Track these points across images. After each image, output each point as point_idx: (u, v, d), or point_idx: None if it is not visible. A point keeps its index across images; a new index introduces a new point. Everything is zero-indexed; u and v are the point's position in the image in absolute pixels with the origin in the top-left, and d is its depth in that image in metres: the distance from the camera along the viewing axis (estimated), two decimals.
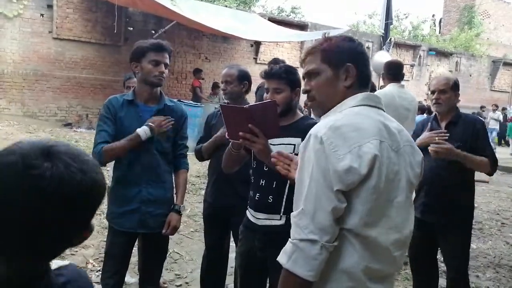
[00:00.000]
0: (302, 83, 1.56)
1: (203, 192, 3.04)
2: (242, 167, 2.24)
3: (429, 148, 2.56)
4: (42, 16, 9.93)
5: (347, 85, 1.35)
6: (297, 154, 1.94)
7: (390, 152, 1.25)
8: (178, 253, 3.99)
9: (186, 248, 4.13)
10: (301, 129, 2.03)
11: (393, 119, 1.40)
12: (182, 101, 9.17)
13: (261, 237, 2.08)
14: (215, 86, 10.97)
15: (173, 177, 2.47)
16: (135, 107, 2.31)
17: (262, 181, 2.07)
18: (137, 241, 2.57)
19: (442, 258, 2.87)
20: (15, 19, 9.56)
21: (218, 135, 2.60)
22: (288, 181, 1.97)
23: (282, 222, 2.02)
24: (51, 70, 10.07)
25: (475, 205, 2.78)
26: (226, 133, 1.86)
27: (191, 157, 2.65)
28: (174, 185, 2.48)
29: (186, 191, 6.00)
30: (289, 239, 1.22)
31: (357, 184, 1.18)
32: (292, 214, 1.24)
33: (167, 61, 2.30)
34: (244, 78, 2.77)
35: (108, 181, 2.41)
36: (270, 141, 1.82)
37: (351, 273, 1.22)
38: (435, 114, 2.85)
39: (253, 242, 2.11)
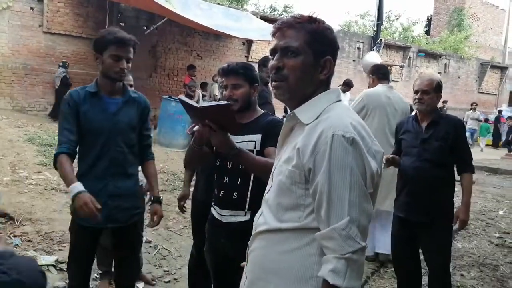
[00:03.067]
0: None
1: (192, 189, 3.04)
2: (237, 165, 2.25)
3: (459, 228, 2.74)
4: (32, 10, 9.81)
5: (322, 78, 1.27)
6: (258, 150, 1.99)
7: None
8: (167, 249, 4.00)
9: (175, 244, 4.14)
10: (262, 126, 2.06)
11: None
12: (173, 98, 9.15)
13: (226, 234, 2.08)
14: (203, 85, 11.10)
15: (140, 169, 2.44)
16: (99, 99, 2.21)
17: (226, 178, 2.07)
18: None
19: (423, 257, 2.91)
20: (4, 11, 9.43)
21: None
22: (252, 178, 2.01)
23: (247, 218, 2.02)
24: (41, 65, 9.97)
25: (457, 204, 2.84)
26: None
27: (180, 154, 2.67)
28: (141, 177, 2.45)
29: (175, 187, 6.01)
30: (336, 255, 1.10)
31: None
32: (334, 227, 1.11)
33: (131, 55, 2.20)
34: None
35: None
36: (231, 138, 1.78)
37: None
38: (415, 114, 2.89)
39: (219, 239, 2.11)
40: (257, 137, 2.04)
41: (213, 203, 2.18)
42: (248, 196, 2.05)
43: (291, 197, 1.22)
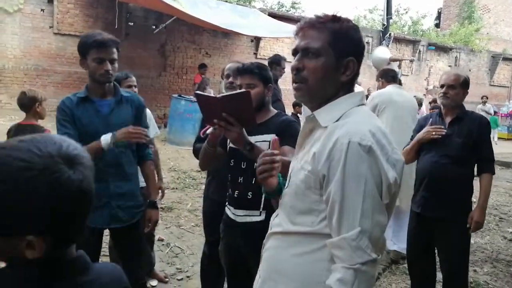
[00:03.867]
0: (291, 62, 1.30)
1: (203, 186, 3.05)
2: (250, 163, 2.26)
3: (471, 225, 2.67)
4: (43, 11, 9.93)
5: (344, 80, 1.23)
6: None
7: None
8: (179, 247, 4.04)
9: (187, 242, 4.17)
10: (276, 126, 2.06)
11: None
12: (183, 96, 9.19)
13: (241, 234, 2.09)
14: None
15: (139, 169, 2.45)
16: (91, 103, 2.22)
17: (240, 178, 2.08)
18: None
19: (438, 254, 2.89)
20: (15, 14, 9.56)
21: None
22: None
23: (262, 217, 2.03)
24: (52, 65, 10.09)
25: (474, 200, 2.81)
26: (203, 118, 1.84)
27: (190, 152, 2.68)
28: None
29: (186, 185, 6.05)
30: (345, 265, 1.08)
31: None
32: (345, 237, 1.08)
33: (115, 56, 2.19)
34: None
35: None
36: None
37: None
38: (440, 109, 2.86)
39: (234, 239, 2.12)
40: (271, 137, 2.03)
41: (227, 203, 2.19)
42: (263, 195, 2.06)
43: (305, 202, 1.21)
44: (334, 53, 1.21)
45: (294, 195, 1.25)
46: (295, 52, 1.26)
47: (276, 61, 4.53)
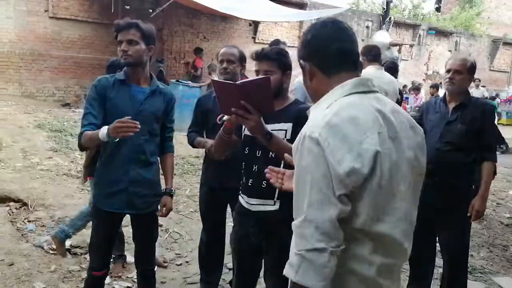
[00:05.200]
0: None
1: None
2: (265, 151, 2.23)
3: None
4: None
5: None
6: (289, 140, 1.95)
7: (388, 142, 1.16)
8: (178, 232, 4.06)
9: (186, 228, 4.19)
10: (293, 114, 2.02)
11: (388, 99, 1.33)
12: (180, 81, 9.12)
13: (255, 223, 2.08)
14: (210, 67, 10.99)
15: (159, 160, 2.47)
16: (127, 87, 2.26)
17: (255, 166, 2.04)
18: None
19: (439, 241, 2.89)
20: None
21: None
22: (282, 166, 1.95)
23: (276, 207, 2.01)
24: (48, 50, 9.97)
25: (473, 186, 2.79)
26: (220, 108, 1.81)
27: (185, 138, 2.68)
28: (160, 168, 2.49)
29: (185, 171, 6.06)
30: (294, 250, 1.13)
31: (360, 184, 1.11)
32: (293, 223, 1.14)
33: (130, 36, 2.18)
34: (243, 59, 2.76)
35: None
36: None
37: (362, 274, 1.17)
38: (444, 94, 2.80)
39: (248, 228, 2.11)
40: (288, 126, 2.00)
41: (240, 192, 2.16)
42: None
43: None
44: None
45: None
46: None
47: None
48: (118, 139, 2.06)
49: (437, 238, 2.90)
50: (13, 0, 9.47)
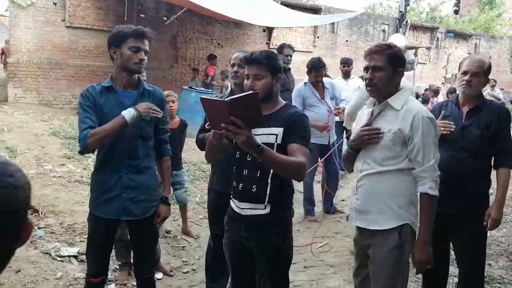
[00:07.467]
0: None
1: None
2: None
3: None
4: (55, 5, 9.97)
5: (398, 81, 2.14)
6: (279, 144, 1.94)
7: None
8: (186, 240, 4.02)
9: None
10: (283, 118, 1.99)
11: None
12: (194, 88, 9.15)
13: (246, 227, 2.06)
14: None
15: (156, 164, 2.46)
16: (114, 93, 2.27)
17: (245, 170, 2.03)
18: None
19: (454, 250, 2.76)
20: (28, 8, 9.62)
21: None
22: (272, 171, 1.97)
23: (266, 211, 2.00)
24: (65, 59, 10.15)
25: (490, 191, 2.65)
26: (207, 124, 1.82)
27: None
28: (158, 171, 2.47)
29: (196, 178, 6.02)
30: (430, 179, 2.04)
31: None
32: (428, 165, 2.02)
33: (147, 48, 2.26)
34: None
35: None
36: (252, 131, 1.77)
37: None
38: (457, 97, 2.64)
39: (239, 232, 2.09)
40: (279, 130, 1.98)
41: (232, 196, 2.15)
42: (268, 189, 2.00)
43: (392, 151, 2.08)
44: (392, 66, 2.09)
45: (382, 148, 2.08)
46: (366, 69, 2.13)
47: (279, 49, 4.47)
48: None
49: (452, 247, 2.77)
50: (32, 11, 9.69)
